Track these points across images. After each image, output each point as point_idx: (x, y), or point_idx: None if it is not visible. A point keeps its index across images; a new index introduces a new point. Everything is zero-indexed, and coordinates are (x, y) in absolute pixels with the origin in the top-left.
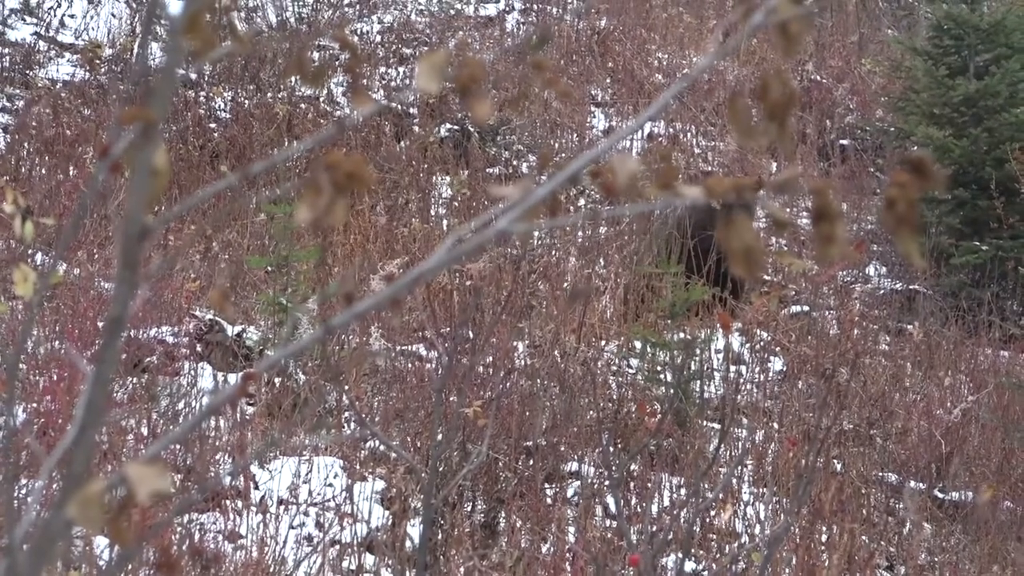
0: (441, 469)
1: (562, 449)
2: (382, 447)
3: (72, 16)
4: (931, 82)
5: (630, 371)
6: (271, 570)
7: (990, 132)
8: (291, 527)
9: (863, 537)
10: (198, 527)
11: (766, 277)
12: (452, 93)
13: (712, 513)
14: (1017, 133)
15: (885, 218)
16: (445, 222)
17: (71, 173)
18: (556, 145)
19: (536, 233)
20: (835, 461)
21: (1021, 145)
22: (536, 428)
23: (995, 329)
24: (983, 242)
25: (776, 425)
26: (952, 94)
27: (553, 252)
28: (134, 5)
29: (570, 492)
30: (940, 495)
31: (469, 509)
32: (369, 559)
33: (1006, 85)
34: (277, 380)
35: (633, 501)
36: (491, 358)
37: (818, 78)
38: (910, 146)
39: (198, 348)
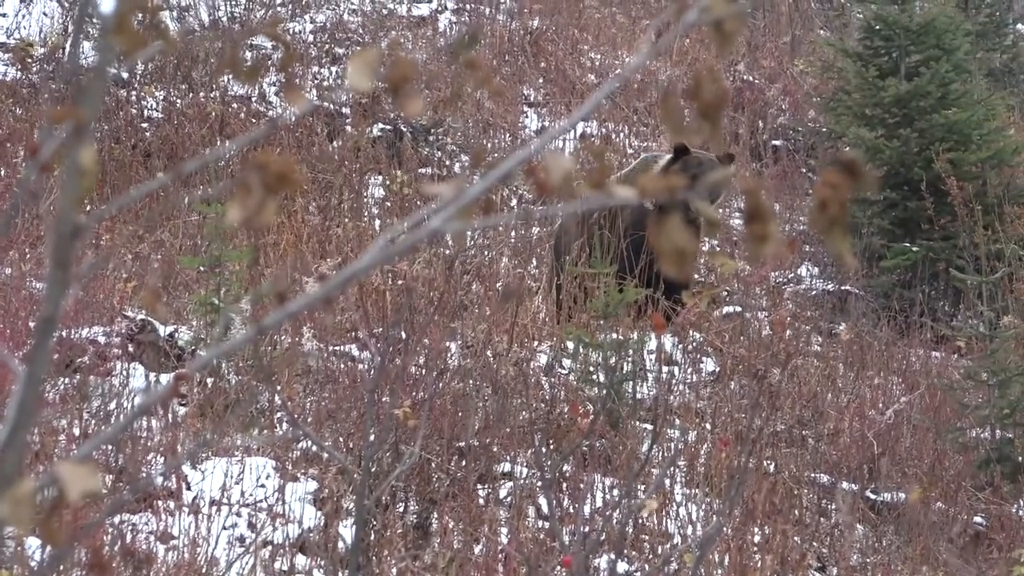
0: (373, 470)
1: (495, 450)
2: (314, 448)
3: (3, 15)
4: (862, 83)
5: (563, 372)
6: (203, 571)
7: (921, 133)
8: (223, 528)
9: (795, 538)
10: (130, 528)
11: (698, 277)
12: (385, 93)
13: (644, 514)
14: (947, 134)
15: (816, 219)
16: (378, 222)
17: (2, 173)
18: (489, 145)
19: (469, 233)
20: (767, 462)
21: (948, 147)
22: (468, 429)
23: (926, 330)
24: (914, 243)
25: (708, 426)
26: (883, 95)
27: (486, 252)
28: (66, 4)
29: (503, 493)
30: (872, 496)
31: (401, 510)
32: (301, 560)
33: (936, 86)
34: (209, 380)
35: (566, 502)
36: (423, 359)
37: (750, 79)
38: (842, 147)
39: (130, 348)
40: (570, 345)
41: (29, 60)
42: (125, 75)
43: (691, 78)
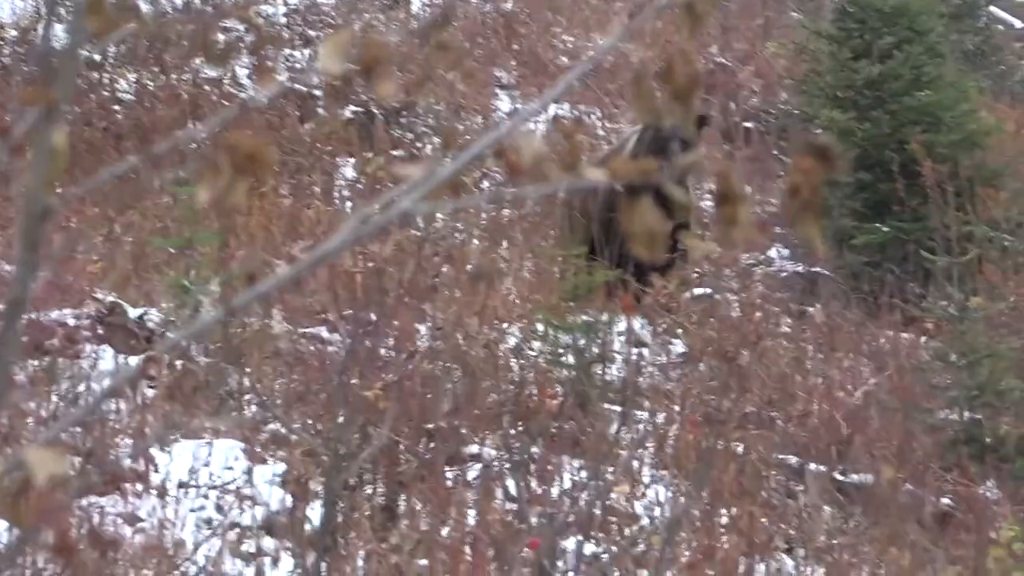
0: (342, 452)
1: (463, 432)
2: (283, 430)
3: None
4: (835, 65)
5: (532, 354)
6: (170, 553)
7: (893, 115)
8: (191, 510)
9: (763, 519)
10: (97, 510)
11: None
12: (357, 75)
13: (612, 495)
14: (920, 116)
15: (788, 205)
16: (349, 204)
17: None
18: (461, 127)
19: (440, 215)
20: (736, 444)
21: (920, 129)
22: (437, 411)
23: (896, 311)
24: (884, 224)
25: (677, 408)
26: (855, 77)
27: (457, 234)
28: None
29: (471, 475)
30: (841, 478)
31: (370, 492)
32: (269, 542)
33: (909, 68)
34: (178, 362)
35: (534, 484)
36: (393, 340)
37: (723, 61)
38: (814, 129)
39: (99, 330)
40: (539, 327)
41: (1, 42)
42: (97, 57)
43: (663, 60)
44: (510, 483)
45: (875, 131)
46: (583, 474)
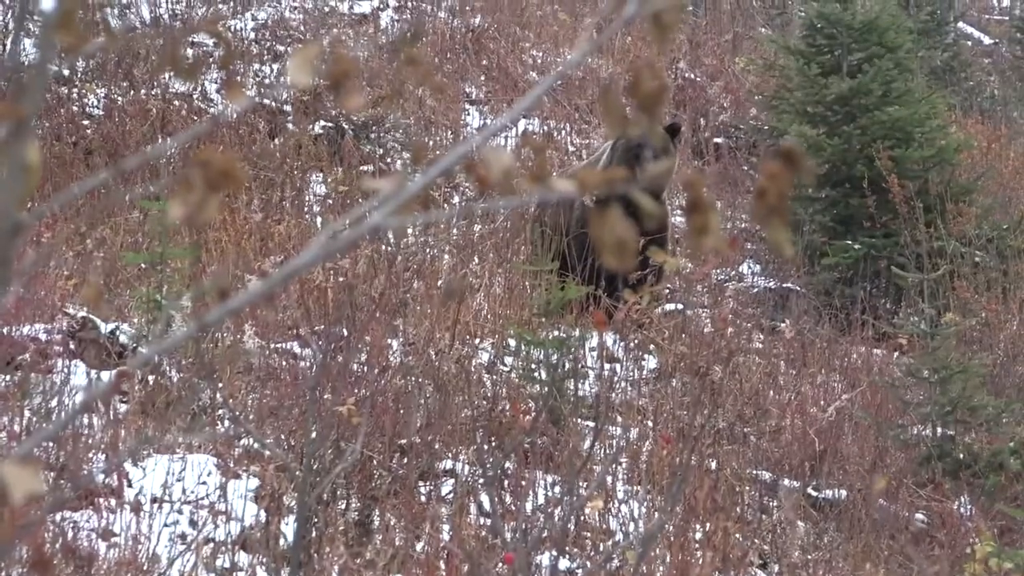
0: (315, 467)
1: (436, 447)
2: (256, 445)
3: None
4: (804, 81)
5: (505, 369)
6: (144, 568)
7: (863, 130)
8: (165, 525)
9: (737, 535)
10: (71, 525)
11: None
12: (327, 91)
13: (586, 511)
14: (890, 132)
15: (756, 208)
16: (319, 219)
17: None
18: (431, 143)
19: (410, 230)
20: (709, 459)
21: (890, 145)
22: (410, 426)
23: (868, 327)
24: (855, 240)
25: (650, 423)
26: (825, 92)
27: (428, 249)
28: (7, 1)
29: (445, 490)
30: (814, 493)
31: (343, 507)
32: (243, 557)
33: (879, 84)
34: (150, 377)
35: (508, 499)
36: (365, 356)
37: (692, 76)
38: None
39: (71, 345)
40: (512, 342)
41: None
42: (66, 72)
43: (631, 72)
44: (484, 498)
45: (845, 146)
46: (557, 489)
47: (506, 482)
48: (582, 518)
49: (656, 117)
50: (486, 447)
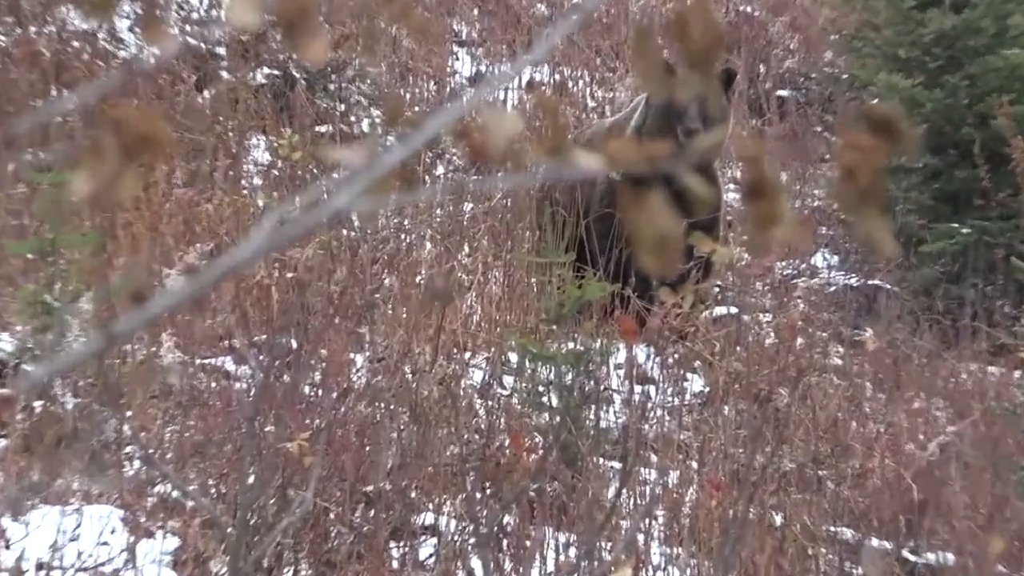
0: (253, 522)
1: (413, 496)
2: (176, 493)
3: None
4: (895, 16)
5: (503, 393)
6: None
7: (972, 80)
8: None
9: None
10: None
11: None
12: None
13: None
14: (1007, 82)
15: (841, 193)
16: (261, 197)
17: None
18: (408, 96)
19: (382, 211)
20: (773, 512)
21: (1009, 99)
22: (379, 468)
23: (980, 338)
24: (963, 223)
25: (695, 464)
26: (922, 31)
27: (403, 235)
28: None
29: (424, 553)
30: (911, 557)
31: (290, 575)
32: None
33: (992, 19)
34: (38, 404)
35: (507, 565)
36: (320, 375)
37: (749, 9)
38: (868, 98)
39: None
40: (513, 357)
41: None
42: None
43: (673, 12)
44: (476, 563)
45: (949, 102)
46: (572, 552)
47: (505, 542)
48: None
49: (710, 76)
50: (479, 496)
